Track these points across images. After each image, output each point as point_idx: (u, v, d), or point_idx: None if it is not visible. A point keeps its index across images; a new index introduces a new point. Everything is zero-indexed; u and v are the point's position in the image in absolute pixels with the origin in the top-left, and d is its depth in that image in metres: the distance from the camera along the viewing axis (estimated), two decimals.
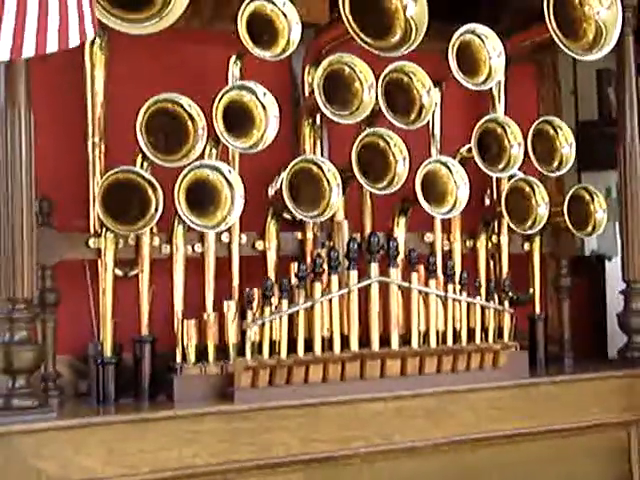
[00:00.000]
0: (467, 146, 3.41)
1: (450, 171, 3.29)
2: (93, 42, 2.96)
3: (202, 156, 2.97)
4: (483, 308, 3.22)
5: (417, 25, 3.16)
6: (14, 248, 2.61)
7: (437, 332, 3.14)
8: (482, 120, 3.44)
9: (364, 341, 3.04)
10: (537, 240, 3.59)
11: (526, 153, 3.42)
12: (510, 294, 3.35)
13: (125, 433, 2.65)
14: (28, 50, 2.35)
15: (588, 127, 4.50)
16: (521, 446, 3.18)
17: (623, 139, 3.64)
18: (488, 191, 3.70)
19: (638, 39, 4.09)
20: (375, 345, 3.02)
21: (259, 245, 3.18)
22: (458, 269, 3.30)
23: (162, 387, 2.91)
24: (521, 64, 3.74)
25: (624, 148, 3.65)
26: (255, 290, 2.92)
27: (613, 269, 4.48)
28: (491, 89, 3.56)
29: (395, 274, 3.09)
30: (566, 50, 3.39)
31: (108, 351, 2.92)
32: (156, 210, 2.90)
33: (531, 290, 3.62)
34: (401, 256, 3.13)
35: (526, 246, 3.59)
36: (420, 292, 3.12)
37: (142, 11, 2.80)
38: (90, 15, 2.48)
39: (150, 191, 2.93)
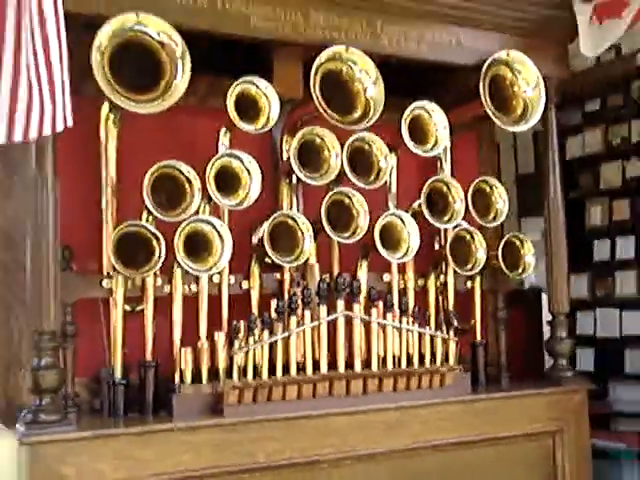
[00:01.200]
0: (418, 202, 3.48)
1: (404, 223, 3.36)
2: (108, 118, 3.07)
3: (197, 212, 3.05)
4: (432, 337, 3.29)
5: (375, 104, 3.25)
6: (41, 289, 2.71)
7: (393, 357, 3.21)
8: (430, 180, 3.52)
9: (332, 365, 3.10)
10: (478, 279, 3.64)
11: (467, 207, 3.51)
12: (455, 325, 3.43)
13: (132, 443, 2.71)
14: (18, 135, 2.35)
15: (526, 179, 4.69)
16: (464, 453, 3.24)
17: (547, 194, 3.76)
18: (437, 238, 3.73)
19: (561, 105, 4.13)
20: (341, 368, 3.09)
21: (245, 285, 3.23)
22: (411, 304, 3.38)
23: (163, 404, 2.96)
24: (463, 132, 3.82)
25: (548, 201, 3.76)
26: (241, 323, 2.98)
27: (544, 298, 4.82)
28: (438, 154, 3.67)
29: (358, 309, 3.15)
30: (498, 122, 3.49)
31: (118, 374, 2.98)
32: (159, 257, 2.97)
33: (473, 321, 3.67)
34: (363, 293, 3.21)
35: (469, 284, 3.65)
36: (379, 324, 3.18)
37: (148, 93, 2.88)
38: (65, 106, 2.44)
39: (154, 241, 2.99)
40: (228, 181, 3.10)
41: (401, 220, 3.37)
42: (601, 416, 4.73)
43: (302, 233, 3.20)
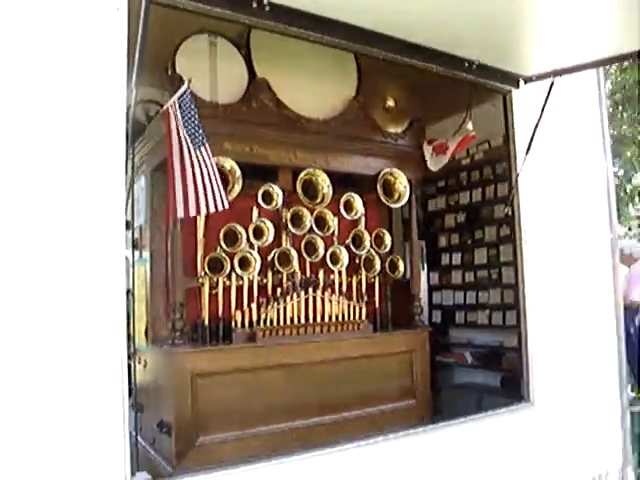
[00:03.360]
0: (348, 241, 3.70)
1: (340, 251, 3.64)
2: None
3: (245, 247, 3.33)
4: (354, 306, 3.57)
5: (328, 194, 3.54)
6: (175, 281, 3.13)
7: (335, 316, 3.48)
8: (354, 231, 3.73)
9: (306, 320, 3.40)
10: (377, 277, 3.80)
11: (371, 242, 3.72)
12: (365, 300, 3.67)
13: (214, 353, 3.12)
14: (192, 211, 2.60)
15: (404, 222, 4.45)
16: (366, 361, 3.50)
17: (411, 232, 3.98)
18: (356, 258, 3.75)
19: (425, 183, 4.86)
20: (310, 321, 3.39)
21: (264, 281, 3.39)
22: (345, 290, 3.62)
23: (228, 337, 3.23)
24: (372, 204, 3.91)
25: (411, 236, 4.00)
26: (263, 299, 3.30)
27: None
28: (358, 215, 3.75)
29: (318, 293, 3.46)
30: (386, 202, 3.78)
31: (206, 323, 3.21)
32: (225, 268, 3.28)
33: (374, 298, 3.79)
34: (321, 285, 3.49)
35: (372, 280, 3.79)
36: (329, 299, 3.49)
37: None
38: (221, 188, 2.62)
39: (224, 261, 3.27)
40: (258, 232, 3.38)
41: (339, 250, 3.64)
42: (445, 345, 5.14)
43: (291, 256, 3.48)
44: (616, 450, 3.96)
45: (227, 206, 2.59)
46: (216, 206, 2.56)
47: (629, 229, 19.23)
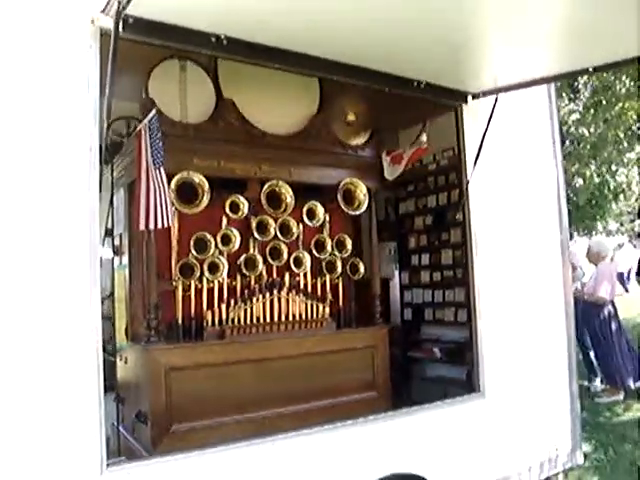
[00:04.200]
0: (311, 246, 3.92)
1: (304, 256, 3.88)
2: (175, 214, 3.40)
3: (213, 254, 3.57)
4: (317, 305, 3.78)
5: (290, 203, 3.77)
6: (150, 285, 3.38)
7: (300, 314, 3.70)
8: (316, 236, 3.97)
9: (271, 318, 3.61)
10: (340, 278, 4.04)
11: (333, 247, 3.97)
12: (330, 299, 3.93)
13: (186, 349, 3.35)
14: (142, 225, 2.77)
15: (380, 223, 4.63)
16: (330, 356, 3.73)
17: (372, 237, 4.24)
18: (320, 262, 3.99)
19: (396, 187, 5.19)
20: (276, 320, 3.61)
21: (234, 283, 3.65)
22: (309, 290, 3.86)
23: (199, 335, 3.44)
24: (334, 211, 4.11)
25: (371, 242, 4.26)
26: (232, 300, 3.51)
27: (393, 284, 5.70)
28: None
29: (283, 293, 3.66)
30: (345, 210, 4.01)
31: (179, 322, 3.46)
32: (196, 272, 3.54)
33: (335, 297, 3.99)
34: (286, 286, 3.70)
35: (336, 280, 4.04)
36: (293, 299, 3.70)
37: (190, 203, 3.47)
38: (169, 207, 2.80)
39: (195, 267, 3.53)
40: (226, 239, 3.61)
41: (302, 254, 3.87)
42: (416, 341, 5.34)
43: (257, 261, 3.71)
44: (565, 435, 4.30)
45: (169, 224, 2.80)
46: (162, 223, 2.75)
47: (621, 225, 19.65)
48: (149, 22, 2.55)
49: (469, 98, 3.84)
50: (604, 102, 8.08)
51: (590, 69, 3.18)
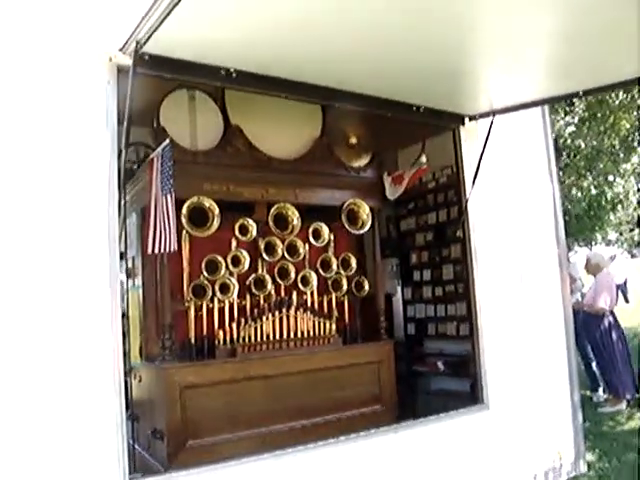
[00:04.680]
0: (317, 265, 4.05)
1: (310, 275, 3.99)
2: (186, 237, 3.58)
3: (224, 275, 3.69)
4: (324, 322, 3.89)
5: (297, 225, 3.92)
6: (164, 305, 3.47)
7: (308, 331, 3.80)
8: (322, 256, 4.10)
9: (281, 336, 3.72)
10: (346, 296, 4.15)
11: (338, 265, 4.07)
12: (336, 316, 4.03)
13: (199, 367, 3.45)
14: (149, 249, 2.91)
15: (382, 240, 4.76)
16: (338, 371, 3.81)
17: (376, 254, 4.33)
18: (327, 281, 4.12)
19: (398, 204, 5.35)
20: (285, 337, 3.72)
21: (243, 302, 3.75)
22: (316, 307, 3.96)
23: (212, 353, 3.55)
24: (339, 230, 4.22)
25: (375, 259, 4.34)
26: (242, 319, 3.61)
27: (396, 299, 5.82)
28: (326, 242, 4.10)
29: (292, 311, 3.78)
30: (349, 229, 4.14)
31: (192, 341, 3.58)
32: (208, 293, 3.65)
33: (343, 314, 4.10)
34: (294, 304, 3.81)
35: (342, 298, 4.15)
36: (302, 317, 3.81)
37: (201, 226, 3.60)
38: (174, 233, 2.86)
39: (207, 288, 3.64)
40: (236, 261, 3.76)
41: (309, 273, 4.00)
42: (420, 355, 5.47)
43: (266, 281, 3.84)
44: (569, 444, 4.44)
45: (175, 249, 2.89)
46: (168, 247, 2.85)
47: (620, 234, 19.75)
48: (164, 59, 2.77)
49: (466, 120, 4.05)
50: (599, 115, 8.25)
51: (580, 93, 3.34)
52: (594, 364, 6.76)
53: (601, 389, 6.83)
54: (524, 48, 2.81)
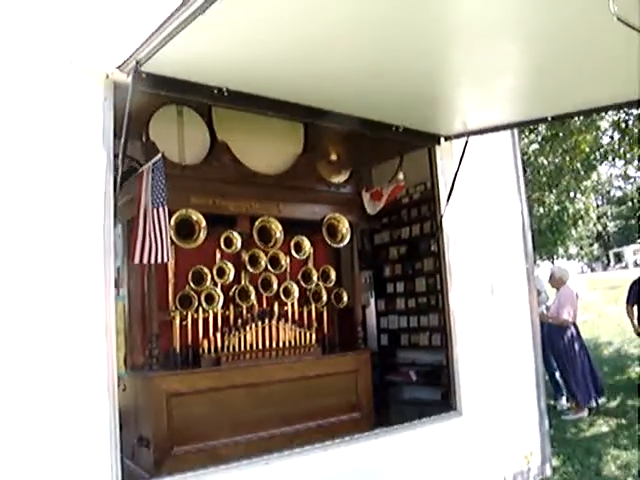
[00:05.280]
0: (298, 277, 4.18)
1: (292, 286, 4.12)
2: (173, 249, 3.50)
3: (209, 284, 3.82)
4: (304, 332, 4.03)
5: (279, 238, 4.02)
6: (152, 317, 3.54)
7: (289, 341, 3.94)
8: (303, 268, 4.22)
9: (263, 345, 3.83)
10: (325, 306, 4.30)
11: (318, 277, 4.22)
12: (315, 326, 4.16)
13: (184, 376, 3.52)
14: (137, 259, 2.96)
15: (358, 253, 4.63)
16: (316, 380, 3.93)
17: (357, 266, 4.52)
18: (307, 291, 4.24)
19: (373, 218, 5.14)
20: (267, 347, 3.83)
21: (227, 312, 3.85)
22: (297, 318, 4.08)
23: (197, 362, 3.63)
24: (319, 243, 4.34)
25: (354, 269, 4.52)
26: (226, 328, 3.71)
27: (369, 311, 5.94)
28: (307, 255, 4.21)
29: (274, 322, 3.90)
30: (329, 242, 4.29)
31: (177, 350, 3.66)
32: (194, 303, 3.74)
33: (322, 324, 4.23)
34: (276, 315, 3.95)
35: (321, 309, 4.29)
36: (283, 327, 3.93)
37: (188, 239, 3.70)
38: (167, 244, 2.95)
39: (193, 298, 3.75)
40: (221, 272, 3.87)
41: (291, 285, 4.15)
42: (393, 365, 5.61)
43: (250, 292, 3.97)
44: (535, 449, 4.65)
45: (167, 260, 2.96)
46: (159, 258, 2.92)
47: (580, 248, 20.53)
48: (160, 77, 2.87)
49: (442, 140, 4.26)
50: (560, 134, 8.64)
51: (548, 118, 3.59)
52: (557, 373, 7.02)
53: (564, 398, 7.08)
54: (493, 78, 3.02)
